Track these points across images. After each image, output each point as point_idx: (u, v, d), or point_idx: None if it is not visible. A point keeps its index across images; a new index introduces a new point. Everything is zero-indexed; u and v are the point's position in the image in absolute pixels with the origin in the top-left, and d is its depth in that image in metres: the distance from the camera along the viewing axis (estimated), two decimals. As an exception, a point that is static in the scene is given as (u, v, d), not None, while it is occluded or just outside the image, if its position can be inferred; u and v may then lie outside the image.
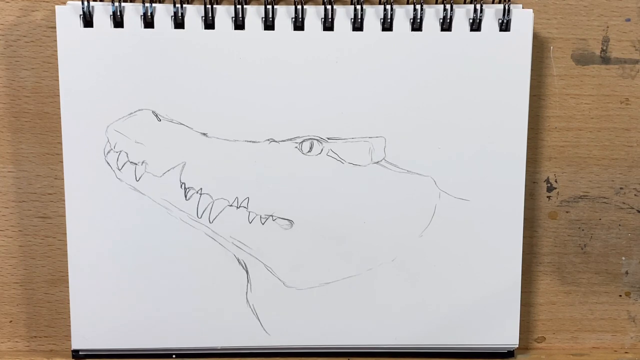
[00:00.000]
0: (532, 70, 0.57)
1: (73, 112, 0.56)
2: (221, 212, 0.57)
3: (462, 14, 0.56)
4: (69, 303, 0.58)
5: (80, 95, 0.56)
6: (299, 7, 0.55)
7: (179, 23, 0.56)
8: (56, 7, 0.55)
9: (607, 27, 0.59)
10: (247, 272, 0.58)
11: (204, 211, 0.57)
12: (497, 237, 0.58)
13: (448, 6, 0.56)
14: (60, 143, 0.57)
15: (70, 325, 0.58)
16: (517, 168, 0.58)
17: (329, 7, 0.56)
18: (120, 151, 0.56)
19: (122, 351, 0.59)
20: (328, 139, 0.57)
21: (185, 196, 0.57)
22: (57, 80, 0.56)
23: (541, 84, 0.60)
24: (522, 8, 0.57)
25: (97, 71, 0.56)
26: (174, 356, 0.60)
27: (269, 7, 0.55)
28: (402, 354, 0.61)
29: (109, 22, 0.55)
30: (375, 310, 0.59)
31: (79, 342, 0.58)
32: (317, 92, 0.57)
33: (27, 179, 0.59)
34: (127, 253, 0.57)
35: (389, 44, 0.56)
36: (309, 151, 0.57)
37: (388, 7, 0.56)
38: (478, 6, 0.56)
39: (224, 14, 0.56)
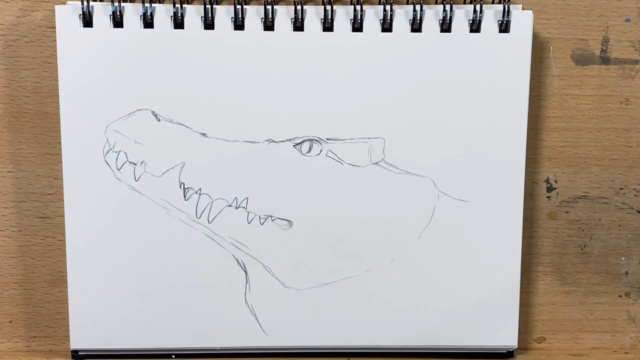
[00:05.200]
0: (531, 70, 0.57)
1: (72, 112, 0.56)
2: (220, 212, 0.57)
3: (461, 15, 0.56)
4: (68, 303, 0.58)
5: (79, 95, 0.56)
6: (299, 7, 0.55)
7: (178, 23, 0.56)
8: (56, 7, 0.55)
9: (607, 27, 0.59)
10: (245, 272, 0.58)
11: (202, 211, 0.57)
12: (496, 237, 0.58)
13: (448, 7, 0.56)
14: (60, 143, 0.57)
15: (69, 326, 0.58)
16: (516, 168, 0.58)
17: (328, 7, 0.56)
18: (120, 151, 0.56)
19: (121, 351, 0.59)
20: (327, 139, 0.57)
21: (185, 196, 0.57)
22: (57, 80, 0.56)
23: (541, 85, 0.60)
24: (522, 9, 0.57)
25: (96, 71, 0.56)
26: (173, 356, 0.60)
27: (269, 7, 0.55)
28: (401, 354, 0.61)
29: (109, 22, 0.55)
30: (374, 311, 0.59)
31: (78, 342, 0.58)
32: (316, 93, 0.57)
33: (26, 179, 0.59)
34: (126, 253, 0.57)
35: (388, 45, 0.56)
36: (308, 152, 0.57)
37: (388, 7, 0.56)
38: (478, 7, 0.56)
39: (223, 15, 0.56)
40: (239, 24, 0.56)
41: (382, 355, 0.61)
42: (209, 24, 0.56)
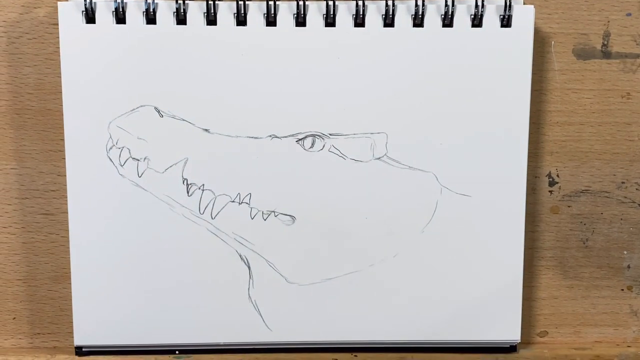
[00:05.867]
0: (533, 65, 0.57)
1: (75, 108, 0.56)
2: (223, 208, 0.58)
3: (463, 10, 0.57)
4: (71, 300, 0.58)
5: (82, 91, 0.56)
6: (301, 3, 0.56)
7: (181, 19, 0.56)
8: (58, 3, 0.55)
9: (608, 21, 0.59)
10: (249, 268, 0.58)
11: (206, 207, 0.57)
12: (498, 232, 0.59)
13: (449, 2, 0.56)
14: (63, 140, 0.57)
15: (73, 322, 0.58)
16: (518, 163, 0.58)
17: (330, 3, 0.56)
18: (123, 147, 0.56)
19: (125, 347, 0.59)
20: (330, 134, 0.57)
21: (188, 192, 0.57)
22: (60, 77, 0.56)
23: (542, 79, 0.60)
24: (523, 4, 0.57)
25: (99, 67, 0.56)
26: (176, 352, 0.60)
27: (271, 3, 0.55)
28: (404, 349, 0.61)
29: (111, 19, 0.55)
30: (377, 306, 0.59)
31: (82, 338, 0.58)
32: (319, 88, 0.57)
33: (29, 176, 0.59)
34: (129, 249, 0.58)
35: (390, 40, 0.57)
36: (310, 147, 0.57)
37: (390, 3, 0.56)
38: (479, 2, 0.56)
39: (226, 10, 0.56)
40: (241, 20, 0.56)
41: (385, 350, 0.61)
42: (211, 20, 0.56)
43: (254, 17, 0.56)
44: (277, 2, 0.56)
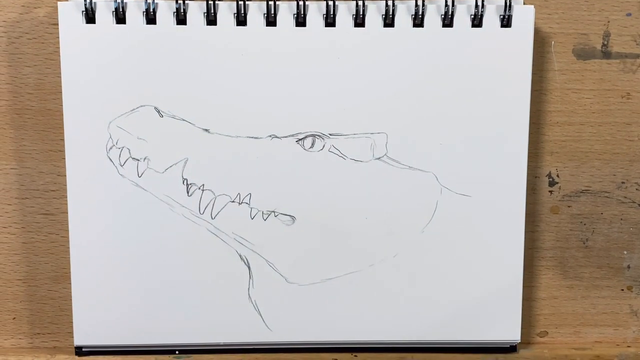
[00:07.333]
0: (533, 65, 0.57)
1: (75, 108, 0.56)
2: (223, 208, 0.58)
3: (463, 10, 0.57)
4: (71, 300, 0.58)
5: (82, 91, 0.56)
6: (301, 3, 0.56)
7: (181, 19, 0.56)
8: (58, 3, 0.55)
9: (608, 21, 0.59)
10: (249, 268, 0.58)
11: (206, 207, 0.57)
12: (499, 232, 0.59)
13: (449, 2, 0.56)
14: (63, 140, 0.57)
15: (73, 322, 0.58)
16: (518, 163, 0.58)
17: (330, 3, 0.56)
18: (123, 147, 0.56)
19: (125, 347, 0.59)
20: (330, 134, 0.57)
21: (188, 192, 0.57)
22: (60, 77, 0.56)
23: (542, 79, 0.60)
24: (523, 4, 0.57)
25: (99, 67, 0.56)
26: (176, 352, 0.60)
27: (271, 3, 0.56)
28: (404, 349, 0.61)
29: (111, 19, 0.55)
30: (377, 306, 0.59)
31: (81, 338, 0.58)
32: (319, 88, 0.57)
33: (29, 176, 0.59)
34: (129, 249, 0.58)
35: (390, 40, 0.57)
36: (310, 147, 0.57)
37: (390, 3, 0.56)
38: (479, 2, 0.56)
39: (226, 10, 0.56)
40: (241, 20, 0.56)
41: (385, 350, 0.61)
42: (211, 20, 0.56)
43: (254, 17, 0.56)
44: (277, 2, 0.56)
